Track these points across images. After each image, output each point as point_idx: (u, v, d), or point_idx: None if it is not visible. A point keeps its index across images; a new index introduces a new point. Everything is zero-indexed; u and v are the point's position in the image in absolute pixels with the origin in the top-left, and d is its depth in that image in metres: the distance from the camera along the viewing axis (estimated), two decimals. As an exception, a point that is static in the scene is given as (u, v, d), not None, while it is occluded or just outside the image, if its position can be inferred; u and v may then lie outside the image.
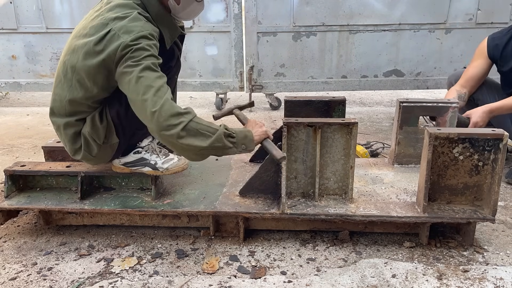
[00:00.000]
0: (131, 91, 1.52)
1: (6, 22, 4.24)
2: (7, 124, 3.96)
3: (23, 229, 1.96)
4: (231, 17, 4.08)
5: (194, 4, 1.72)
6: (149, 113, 1.49)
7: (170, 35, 1.71)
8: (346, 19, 4.01)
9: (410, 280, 1.54)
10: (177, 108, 1.52)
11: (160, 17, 1.67)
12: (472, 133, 1.63)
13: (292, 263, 1.66)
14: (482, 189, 1.71)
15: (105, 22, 1.56)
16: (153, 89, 1.49)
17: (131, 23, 1.53)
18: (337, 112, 2.13)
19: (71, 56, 1.63)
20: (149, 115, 1.50)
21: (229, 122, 2.03)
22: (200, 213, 1.77)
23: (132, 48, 1.49)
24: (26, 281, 1.58)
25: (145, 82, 1.49)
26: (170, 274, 1.61)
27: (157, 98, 1.49)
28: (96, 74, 1.58)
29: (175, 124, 1.50)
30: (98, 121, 1.68)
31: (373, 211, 1.71)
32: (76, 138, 1.73)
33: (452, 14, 3.94)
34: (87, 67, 1.57)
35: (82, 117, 1.69)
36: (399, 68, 4.16)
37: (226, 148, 1.60)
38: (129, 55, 1.50)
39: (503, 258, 1.67)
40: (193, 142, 1.53)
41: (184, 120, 1.51)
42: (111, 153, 1.78)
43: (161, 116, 1.49)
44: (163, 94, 1.50)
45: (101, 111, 1.69)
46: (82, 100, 1.65)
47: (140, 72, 1.49)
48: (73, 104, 1.66)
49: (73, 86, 1.64)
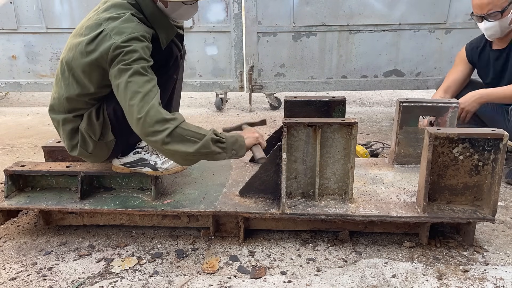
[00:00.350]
0: (120, 95, 1.54)
1: (6, 22, 4.25)
2: (7, 124, 3.96)
3: (23, 229, 1.96)
4: (231, 17, 4.08)
5: (184, 8, 1.69)
6: (135, 119, 1.51)
7: (166, 35, 1.71)
8: (346, 19, 4.01)
9: (410, 280, 1.54)
10: (163, 114, 1.52)
11: (155, 18, 1.67)
12: (472, 133, 1.63)
13: (292, 263, 1.66)
14: (482, 189, 1.71)
15: (99, 22, 1.57)
16: (140, 95, 1.50)
17: (123, 24, 1.54)
18: (337, 112, 2.13)
19: (67, 54, 1.65)
20: (135, 121, 1.52)
21: (231, 123, 2.03)
22: (200, 213, 1.77)
23: (123, 50, 1.51)
24: (26, 281, 1.58)
25: (132, 88, 1.50)
26: (170, 274, 1.61)
27: (143, 104, 1.50)
28: (91, 73, 1.60)
29: (160, 130, 1.51)
30: (94, 117, 1.69)
31: (373, 211, 1.71)
32: (74, 134, 1.74)
33: (452, 14, 3.94)
34: (82, 65, 1.59)
35: (80, 113, 1.71)
36: (399, 68, 4.16)
37: (214, 154, 1.61)
38: (120, 57, 1.51)
39: (503, 258, 1.67)
40: (179, 148, 1.54)
41: (170, 126, 1.52)
42: (107, 151, 1.78)
43: (146, 122, 1.50)
44: (150, 100, 1.51)
45: (98, 108, 1.71)
46: (79, 98, 1.67)
47: (129, 77, 1.50)
48: (70, 101, 1.68)
49: (70, 83, 1.66)
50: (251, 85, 4.23)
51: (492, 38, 2.43)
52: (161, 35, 1.68)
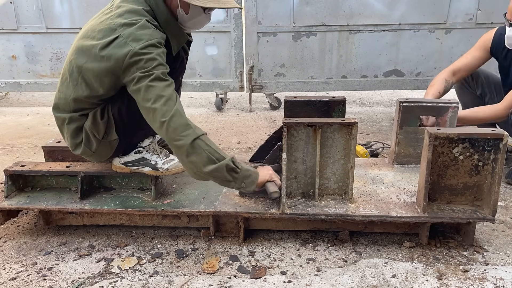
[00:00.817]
0: (142, 98, 1.55)
1: (6, 22, 4.24)
2: (7, 124, 3.96)
3: (23, 229, 1.96)
4: (231, 17, 4.08)
5: (202, 16, 1.71)
6: (159, 122, 1.53)
7: (177, 42, 1.72)
8: (346, 19, 4.01)
9: (410, 280, 1.54)
10: (187, 120, 1.56)
11: (168, 25, 1.67)
12: (472, 133, 1.63)
13: (292, 263, 1.66)
14: (482, 189, 1.71)
15: (113, 27, 1.56)
16: (163, 99, 1.52)
17: (139, 31, 1.54)
18: (337, 112, 2.13)
19: (77, 56, 1.64)
20: (158, 124, 1.54)
21: (231, 123, 2.00)
22: (200, 213, 1.77)
23: (142, 58, 1.51)
24: (26, 281, 1.58)
25: (155, 91, 1.52)
26: (170, 274, 1.61)
27: (167, 108, 1.52)
28: (102, 77, 1.60)
29: (184, 135, 1.53)
30: (99, 116, 1.70)
31: (373, 211, 1.71)
32: (78, 133, 1.75)
33: (452, 14, 3.94)
34: (94, 69, 1.59)
35: (86, 112, 1.72)
36: (399, 68, 4.16)
37: (224, 180, 1.62)
38: (139, 64, 1.52)
39: (503, 258, 1.67)
40: (196, 159, 1.56)
41: (192, 133, 1.54)
42: (110, 150, 1.78)
43: (170, 126, 1.52)
44: (173, 104, 1.54)
45: (103, 107, 1.71)
46: (87, 99, 1.68)
47: (150, 81, 1.52)
48: (78, 102, 1.70)
49: (79, 85, 1.66)
50: (251, 85, 4.23)
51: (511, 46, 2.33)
52: (172, 42, 1.70)
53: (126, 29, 1.54)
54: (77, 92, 1.67)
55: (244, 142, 3.26)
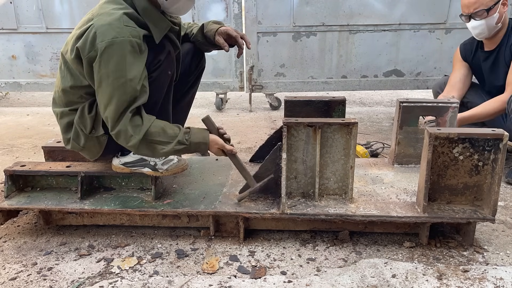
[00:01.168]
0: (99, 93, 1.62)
1: (6, 22, 4.24)
2: (7, 124, 3.96)
3: (23, 229, 1.96)
4: (231, 17, 4.08)
5: (183, 0, 1.72)
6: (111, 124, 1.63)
7: (159, 30, 1.71)
8: (346, 19, 4.01)
9: (410, 280, 1.54)
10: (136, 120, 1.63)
11: (147, 12, 1.67)
12: (472, 133, 1.63)
13: (292, 263, 1.66)
14: (482, 189, 1.71)
15: (91, 17, 1.62)
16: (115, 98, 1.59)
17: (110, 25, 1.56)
18: (337, 112, 2.13)
19: (64, 47, 1.71)
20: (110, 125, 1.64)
21: (231, 123, 1.97)
22: (200, 213, 1.77)
23: (102, 54, 1.55)
24: (26, 281, 1.58)
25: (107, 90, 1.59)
26: (170, 274, 1.61)
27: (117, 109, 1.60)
28: (78, 64, 1.64)
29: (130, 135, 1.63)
30: (86, 110, 1.72)
31: (373, 211, 1.71)
32: (69, 128, 1.78)
33: (452, 14, 3.94)
34: (72, 57, 1.63)
35: (76, 107, 1.75)
36: (399, 68, 4.16)
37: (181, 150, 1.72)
38: (97, 59, 1.56)
39: (503, 258, 1.67)
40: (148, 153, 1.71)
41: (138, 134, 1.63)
42: (99, 147, 1.78)
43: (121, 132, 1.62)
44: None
45: (91, 102, 1.72)
46: (73, 90, 1.71)
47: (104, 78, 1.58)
48: (66, 93, 1.73)
49: (65, 76, 1.71)
50: (251, 85, 4.23)
51: (479, 37, 2.45)
52: (153, 30, 1.68)
53: (100, 21, 1.57)
54: (64, 82, 1.72)
55: (244, 142, 3.26)
